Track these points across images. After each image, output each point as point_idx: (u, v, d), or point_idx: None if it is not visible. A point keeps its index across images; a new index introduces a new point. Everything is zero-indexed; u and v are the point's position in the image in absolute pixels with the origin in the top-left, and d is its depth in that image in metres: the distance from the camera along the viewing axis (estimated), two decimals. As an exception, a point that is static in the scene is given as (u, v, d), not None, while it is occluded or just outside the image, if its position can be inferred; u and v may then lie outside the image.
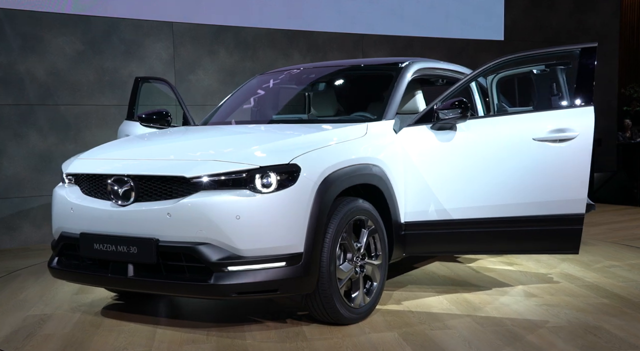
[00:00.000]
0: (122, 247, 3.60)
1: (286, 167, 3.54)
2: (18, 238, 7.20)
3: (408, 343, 3.56)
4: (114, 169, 3.77)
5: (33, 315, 4.24)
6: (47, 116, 7.33)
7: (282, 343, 3.57)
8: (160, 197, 3.60)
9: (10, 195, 7.15)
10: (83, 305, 4.44)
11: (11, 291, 5.00)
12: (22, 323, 4.07)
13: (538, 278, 5.07)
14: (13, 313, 4.30)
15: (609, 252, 6.01)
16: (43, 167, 7.32)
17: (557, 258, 5.73)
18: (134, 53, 7.81)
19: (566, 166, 4.08)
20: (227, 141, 4.26)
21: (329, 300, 3.70)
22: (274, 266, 3.49)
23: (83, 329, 3.92)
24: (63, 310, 4.35)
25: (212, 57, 8.30)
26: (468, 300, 4.43)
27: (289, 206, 3.51)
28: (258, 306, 4.32)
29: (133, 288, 3.88)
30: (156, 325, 3.96)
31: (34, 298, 4.68)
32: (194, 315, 4.26)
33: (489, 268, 5.45)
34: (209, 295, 3.67)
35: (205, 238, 3.45)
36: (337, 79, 5.43)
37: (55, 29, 7.33)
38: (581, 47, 4.16)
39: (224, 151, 3.83)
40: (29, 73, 7.22)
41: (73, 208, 3.86)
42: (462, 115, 4.13)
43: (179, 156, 3.88)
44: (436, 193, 4.23)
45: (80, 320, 4.10)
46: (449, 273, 5.27)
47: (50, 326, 3.99)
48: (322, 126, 4.36)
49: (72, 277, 4.02)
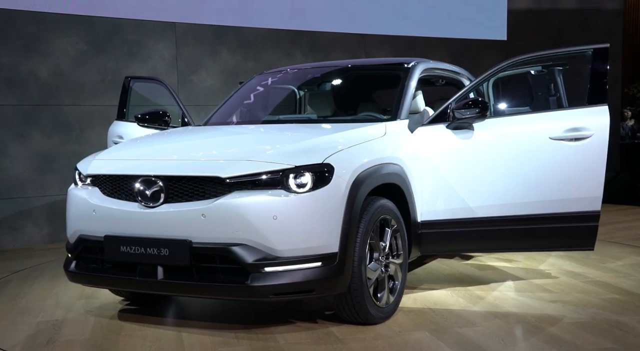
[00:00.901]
0: (152, 249, 3.53)
1: (320, 166, 3.52)
2: (21, 239, 7.21)
3: (444, 342, 3.55)
4: (141, 170, 3.68)
5: (45, 320, 4.13)
6: (50, 116, 7.34)
7: (317, 345, 3.52)
8: (192, 198, 3.52)
9: (13, 195, 7.17)
10: (93, 309, 4.36)
11: (14, 293, 4.99)
12: (35, 329, 3.96)
13: (541, 274, 5.10)
14: (22, 318, 4.21)
15: (612, 251, 6.00)
16: (46, 168, 7.33)
17: (554, 255, 5.76)
18: (137, 53, 7.82)
19: (582, 164, 4.12)
20: (254, 141, 4.21)
21: (360, 300, 3.69)
22: (309, 267, 3.46)
23: (103, 334, 3.81)
24: (74, 314, 4.25)
25: (214, 57, 8.31)
26: (481, 297, 4.46)
27: (324, 206, 3.49)
28: (279, 307, 4.28)
29: (162, 291, 3.77)
30: (178, 328, 3.88)
31: (39, 302, 4.61)
32: (213, 317, 4.18)
33: (489, 266, 5.47)
34: (246, 297, 3.59)
35: (241, 239, 3.40)
36: (344, 79, 5.44)
37: (58, 29, 7.35)
38: (593, 48, 4.19)
39: (256, 151, 3.76)
40: (32, 73, 7.24)
41: (96, 210, 3.75)
42: (482, 115, 4.15)
43: (210, 156, 3.81)
44: (453, 192, 4.26)
45: (97, 325, 4.01)
46: (451, 271, 5.28)
47: (68, 332, 3.88)
48: (340, 126, 4.32)
49: (93, 281, 3.93)
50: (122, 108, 5.74)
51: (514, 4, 10.51)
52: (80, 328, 3.95)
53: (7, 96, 7.11)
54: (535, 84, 5.24)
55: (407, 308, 4.18)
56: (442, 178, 4.26)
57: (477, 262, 5.61)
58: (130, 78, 5.81)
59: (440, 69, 5.15)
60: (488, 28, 10.28)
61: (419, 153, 4.24)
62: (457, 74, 5.36)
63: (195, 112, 7.61)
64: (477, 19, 10.18)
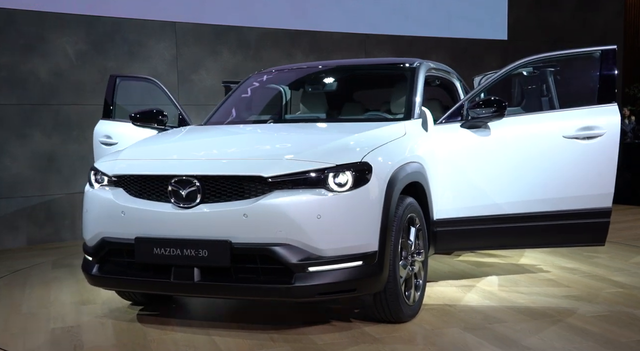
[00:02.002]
0: (189, 251, 3.44)
1: (360, 165, 3.51)
2: (21, 238, 7.21)
3: (484, 339, 3.56)
4: (177, 170, 3.59)
5: (59, 327, 3.99)
6: (50, 116, 7.34)
7: (357, 345, 3.49)
8: (230, 198, 3.46)
9: (14, 194, 7.17)
10: (104, 314, 4.22)
11: (11, 295, 4.97)
12: (52, 335, 3.83)
13: (539, 270, 5.16)
14: (32, 324, 4.07)
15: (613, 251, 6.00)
16: (46, 167, 7.33)
17: (540, 251, 5.84)
18: (137, 53, 7.82)
19: (594, 162, 4.20)
20: (285, 140, 4.13)
21: (394, 299, 3.70)
22: (351, 266, 3.44)
23: (130, 339, 3.69)
24: (87, 320, 4.11)
25: (214, 57, 8.31)
26: (492, 292, 4.55)
27: (364, 204, 3.48)
28: (299, 306, 4.25)
29: (199, 293, 3.69)
30: (206, 331, 3.78)
31: (42, 308, 4.44)
32: (236, 318, 4.08)
33: (482, 262, 5.52)
34: (290, 297, 3.53)
35: (284, 239, 3.36)
36: (349, 79, 5.44)
37: (58, 29, 7.34)
38: (601, 49, 4.28)
39: (294, 150, 3.69)
40: (33, 73, 7.24)
41: (125, 212, 3.63)
42: (500, 114, 4.17)
43: (249, 155, 3.74)
44: (469, 190, 4.31)
45: (117, 330, 3.88)
46: (450, 269, 5.31)
47: (90, 338, 3.75)
48: (358, 125, 4.31)
49: (120, 284, 3.84)
50: (108, 107, 5.58)
51: (514, 4, 10.50)
52: (102, 334, 3.83)
53: (7, 95, 7.11)
54: (527, 85, 5.34)
55: (427, 306, 4.20)
56: (457, 177, 4.30)
57: (470, 259, 5.66)
58: (116, 77, 5.66)
59: (437, 69, 5.19)
60: (489, 28, 10.28)
61: (434, 152, 4.27)
62: (448, 74, 5.41)
63: (196, 112, 7.62)
64: (477, 18, 10.18)
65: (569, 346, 3.43)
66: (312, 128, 4.47)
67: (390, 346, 3.46)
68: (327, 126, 4.57)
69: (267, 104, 5.43)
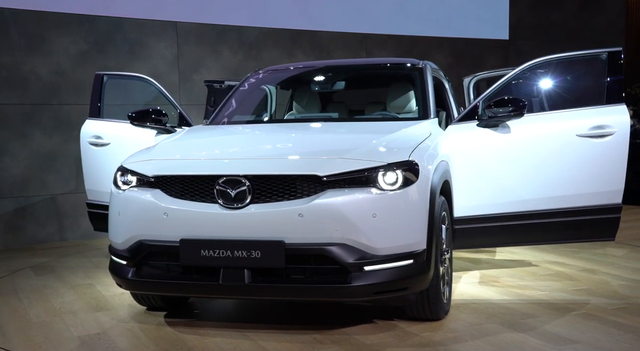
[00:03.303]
0: (240, 252, 3.38)
1: (408, 163, 3.52)
2: (22, 238, 7.20)
3: (528, 334, 3.62)
4: (224, 169, 3.51)
5: (86, 334, 3.83)
6: (51, 115, 7.34)
7: (414, 346, 3.49)
8: (282, 197, 3.42)
9: (15, 194, 7.16)
10: (126, 320, 4.08)
11: (19, 298, 4.96)
12: (81, 341, 3.71)
13: (534, 266, 5.25)
14: (54, 333, 3.89)
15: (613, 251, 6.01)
16: (47, 167, 7.33)
17: (547, 252, 5.86)
18: (138, 53, 7.81)
19: (606, 160, 4.32)
20: (327, 138, 4.12)
21: (436, 296, 3.73)
22: (403, 265, 3.44)
23: (172, 346, 3.57)
24: (111, 326, 3.97)
25: (215, 57, 8.30)
26: (507, 288, 4.62)
27: (414, 202, 3.49)
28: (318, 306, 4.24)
29: (250, 295, 3.64)
30: (244, 334, 3.70)
31: (55, 317, 4.22)
32: (266, 320, 4.03)
33: (483, 259, 5.58)
34: (346, 297, 3.53)
35: (339, 239, 3.33)
36: (358, 78, 5.45)
37: (59, 28, 7.34)
38: (607, 51, 4.41)
39: (342, 149, 3.69)
40: (33, 72, 7.23)
41: (168, 213, 3.52)
42: (519, 113, 4.19)
43: (299, 154, 3.70)
44: (485, 188, 4.37)
45: (151, 336, 3.74)
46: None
47: (126, 345, 3.63)
48: (383, 125, 4.33)
49: (161, 288, 3.71)
50: (95, 106, 5.43)
51: (516, 3, 10.48)
52: (136, 341, 3.70)
53: (8, 95, 7.11)
54: (517, 86, 5.45)
55: (453, 303, 4.25)
56: (476, 175, 4.37)
57: (467, 256, 5.73)
58: (103, 75, 5.51)
59: (433, 69, 5.22)
60: (490, 27, 10.26)
61: (453, 151, 4.31)
62: (439, 73, 5.44)
63: (197, 112, 7.61)
64: (479, 18, 10.17)
65: (611, 339, 3.54)
66: (344, 128, 4.45)
67: (444, 347, 3.45)
68: (355, 125, 4.54)
69: (279, 104, 5.39)
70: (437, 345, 3.47)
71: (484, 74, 5.88)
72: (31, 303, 4.66)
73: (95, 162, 5.39)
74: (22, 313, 4.40)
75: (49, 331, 3.96)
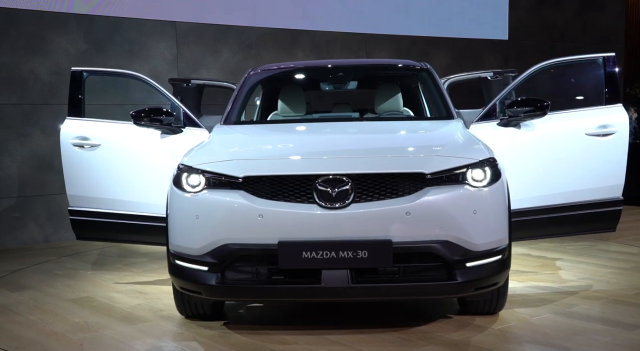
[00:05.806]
0: (345, 253, 3.30)
1: (493, 160, 3.62)
2: (21, 238, 7.19)
3: (589, 322, 3.79)
4: (324, 168, 3.43)
5: (145, 349, 3.52)
6: (50, 116, 7.32)
7: (507, 341, 3.55)
8: (384, 196, 3.39)
9: (14, 194, 7.15)
10: (184, 330, 3.83)
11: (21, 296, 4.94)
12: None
13: (546, 266, 5.32)
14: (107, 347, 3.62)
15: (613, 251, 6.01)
16: (46, 167, 7.31)
17: (546, 249, 5.89)
18: (137, 52, 7.80)
19: (609, 157, 4.60)
20: (405, 137, 4.17)
21: (505, 290, 3.82)
22: (496, 260, 3.52)
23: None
24: (177, 334, 3.74)
25: (215, 57, 8.29)
26: (527, 280, 4.81)
27: (501, 198, 3.58)
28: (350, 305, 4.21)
29: (354, 297, 3.56)
30: (324, 338, 3.59)
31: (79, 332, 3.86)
32: (313, 321, 3.96)
33: None
34: (452, 294, 3.56)
35: (444, 236, 3.36)
36: (367, 78, 5.46)
37: (58, 28, 7.33)
38: (602, 56, 4.63)
39: (433, 146, 3.80)
40: (33, 72, 7.22)
41: (263, 215, 3.37)
42: (542, 113, 4.31)
43: (397, 152, 3.74)
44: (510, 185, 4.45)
45: (230, 344, 3.55)
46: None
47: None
48: (425, 124, 4.42)
49: (252, 294, 3.55)
50: (76, 104, 4.97)
51: (516, 3, 10.47)
52: (217, 349, 3.50)
53: (7, 95, 7.10)
54: (489, 89, 5.73)
55: None
56: None
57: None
58: (82, 71, 5.03)
59: None
60: (490, 28, 10.26)
61: None
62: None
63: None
64: (479, 18, 10.16)
65: None
66: (392, 126, 4.42)
67: (529, 336, 3.58)
68: (396, 124, 4.51)
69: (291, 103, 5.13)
70: (523, 337, 3.59)
71: (457, 77, 5.87)
72: (31, 303, 4.64)
73: (80, 165, 4.84)
74: (39, 323, 4.31)
75: (48, 331, 3.91)
